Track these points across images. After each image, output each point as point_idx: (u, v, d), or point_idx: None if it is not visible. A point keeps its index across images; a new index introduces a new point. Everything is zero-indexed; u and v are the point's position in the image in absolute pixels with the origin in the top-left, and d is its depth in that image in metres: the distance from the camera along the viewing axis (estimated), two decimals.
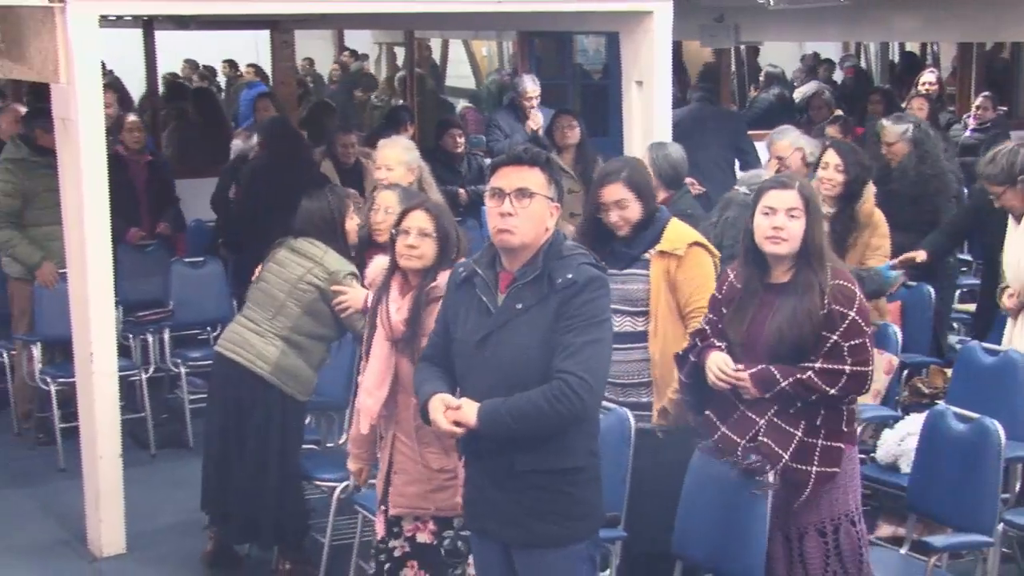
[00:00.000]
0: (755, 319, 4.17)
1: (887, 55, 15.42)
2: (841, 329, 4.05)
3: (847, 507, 4.18)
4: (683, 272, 4.72)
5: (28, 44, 5.91)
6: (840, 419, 4.15)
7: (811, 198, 4.17)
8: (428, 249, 4.36)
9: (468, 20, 11.61)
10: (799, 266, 4.13)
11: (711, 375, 4.17)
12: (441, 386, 3.84)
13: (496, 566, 3.93)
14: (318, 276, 5.48)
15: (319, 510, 6.17)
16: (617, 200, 4.74)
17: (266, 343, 5.50)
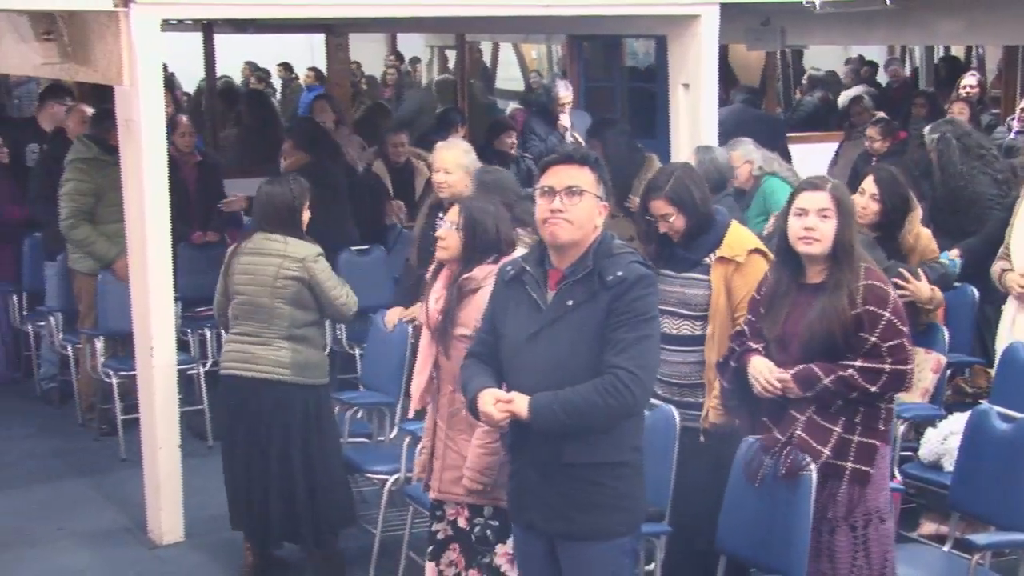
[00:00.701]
0: (789, 318, 4.18)
1: (932, 58, 15.27)
2: (879, 330, 4.05)
3: (878, 504, 4.16)
4: (740, 277, 4.70)
5: (93, 47, 5.96)
6: (878, 418, 4.14)
7: (842, 199, 4.17)
8: (452, 241, 4.42)
9: (518, 24, 11.60)
10: (831, 266, 4.14)
11: (757, 385, 4.17)
12: (488, 381, 3.85)
13: (539, 559, 3.93)
14: (291, 268, 5.45)
15: (370, 502, 6.21)
16: (662, 214, 4.76)
17: (274, 350, 5.47)
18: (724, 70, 9.37)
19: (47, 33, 6.15)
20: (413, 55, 17.62)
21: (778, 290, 4.24)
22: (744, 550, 4.30)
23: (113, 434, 7.36)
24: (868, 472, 4.10)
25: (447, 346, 4.37)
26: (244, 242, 5.57)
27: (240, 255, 5.52)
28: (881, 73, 15.18)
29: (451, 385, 4.38)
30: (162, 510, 6.09)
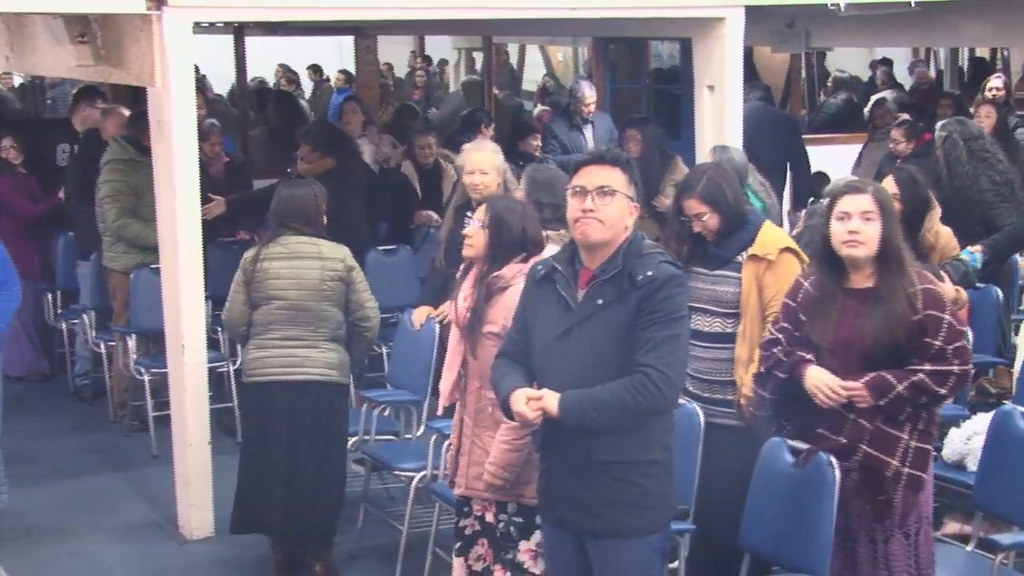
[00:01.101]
0: (840, 324, 4.09)
1: (957, 60, 15.19)
2: (942, 333, 4.00)
3: (927, 510, 4.15)
4: (771, 275, 4.69)
5: (127, 49, 5.99)
6: (933, 422, 4.11)
7: (885, 201, 4.10)
8: (478, 239, 4.41)
9: (544, 26, 11.60)
10: (881, 271, 4.06)
11: (819, 397, 4.06)
12: (520, 380, 3.85)
13: (568, 557, 3.93)
14: (335, 268, 5.47)
15: (397, 499, 6.22)
16: (695, 213, 4.75)
17: (323, 351, 5.47)
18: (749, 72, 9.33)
19: (81, 36, 6.18)
20: (441, 57, 17.64)
21: (823, 296, 4.14)
22: (767, 548, 4.29)
23: (144, 430, 7.40)
24: (923, 478, 4.06)
25: (475, 344, 4.37)
26: (266, 247, 5.48)
27: (268, 260, 5.43)
28: (906, 75, 15.10)
29: (478, 382, 4.39)
30: (192, 506, 6.12)
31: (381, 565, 5.77)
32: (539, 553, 4.37)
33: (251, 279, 5.43)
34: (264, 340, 5.48)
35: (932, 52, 15.80)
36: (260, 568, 5.82)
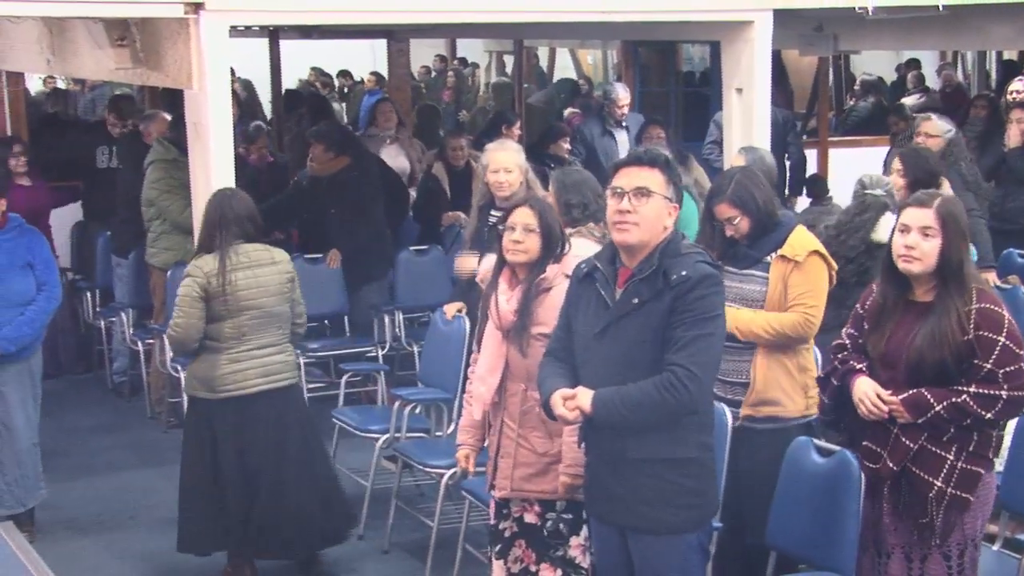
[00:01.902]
0: (894, 336, 4.00)
1: (984, 63, 15.09)
2: (994, 356, 3.84)
3: (974, 531, 4.00)
4: (798, 275, 4.66)
5: (165, 53, 6.02)
6: (989, 446, 3.97)
7: (949, 217, 3.93)
8: (532, 244, 4.36)
9: (575, 29, 11.59)
10: (939, 286, 3.93)
11: (862, 408, 3.98)
12: (561, 382, 3.86)
13: (613, 548, 3.95)
14: (288, 270, 5.50)
15: (428, 495, 6.23)
16: (726, 218, 4.73)
17: (289, 354, 5.53)
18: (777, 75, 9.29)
19: (121, 39, 6.21)
20: (472, 60, 17.67)
21: (884, 307, 4.04)
22: (794, 547, 4.27)
23: (180, 426, 7.40)
24: (968, 499, 3.92)
25: (523, 344, 4.32)
26: (228, 259, 5.27)
27: (234, 271, 5.26)
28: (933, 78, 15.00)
29: (523, 384, 4.34)
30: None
31: (411, 560, 5.78)
32: (587, 548, 4.37)
33: (216, 293, 5.24)
34: (239, 353, 5.32)
35: (959, 55, 15.69)
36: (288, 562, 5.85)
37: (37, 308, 5.86)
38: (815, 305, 4.66)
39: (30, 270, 5.88)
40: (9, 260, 5.82)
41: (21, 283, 5.84)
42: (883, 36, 10.11)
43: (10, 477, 5.89)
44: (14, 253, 5.85)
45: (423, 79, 16.56)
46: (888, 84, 15.14)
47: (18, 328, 5.79)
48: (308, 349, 7.69)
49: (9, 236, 5.86)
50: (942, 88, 14.15)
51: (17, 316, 5.79)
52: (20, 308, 5.81)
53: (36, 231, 6.13)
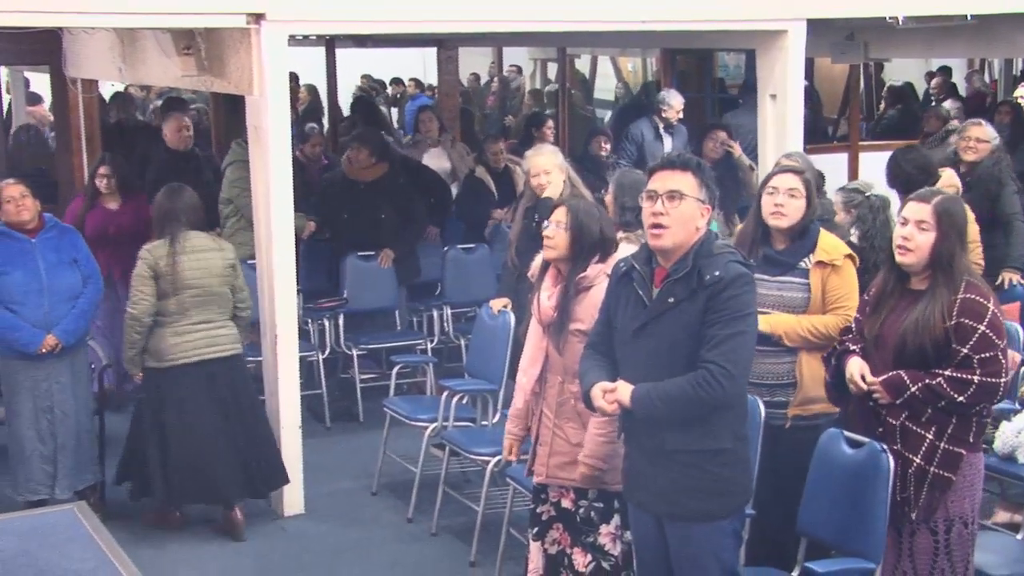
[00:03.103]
0: (887, 320, 4.09)
1: (1011, 70, 14.93)
2: (971, 342, 3.91)
3: (962, 510, 4.05)
4: (837, 278, 4.67)
5: (227, 61, 6.07)
6: (969, 429, 4.01)
7: (945, 214, 4.01)
8: (561, 240, 4.38)
9: (616, 38, 11.57)
10: (931, 277, 4.02)
11: (851, 385, 4.11)
12: (601, 375, 3.88)
13: (650, 535, 3.95)
14: (229, 257, 5.94)
15: (474, 481, 6.25)
16: (789, 188, 4.68)
17: (229, 330, 5.94)
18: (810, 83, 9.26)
19: (187, 48, 6.27)
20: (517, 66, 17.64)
21: (884, 293, 4.14)
22: (825, 533, 4.25)
23: None
24: (950, 479, 3.99)
25: (561, 341, 4.35)
26: (176, 244, 5.75)
27: (181, 255, 5.74)
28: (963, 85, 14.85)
29: (560, 376, 4.38)
30: (285, 485, 6.18)
31: (458, 543, 5.80)
32: (617, 536, 4.38)
33: (163, 273, 5.72)
34: (181, 327, 5.81)
35: (987, 63, 15.53)
36: (349, 542, 5.89)
37: (86, 300, 5.96)
38: (854, 306, 4.64)
39: (76, 265, 5.96)
40: (57, 257, 5.91)
41: (70, 278, 5.93)
42: (912, 44, 10.05)
43: (70, 462, 5.97)
44: (60, 250, 5.93)
45: (471, 86, 16.57)
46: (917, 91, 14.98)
47: (74, 321, 5.88)
48: (360, 342, 7.75)
49: (51, 235, 5.95)
50: (970, 95, 14.02)
51: (70, 309, 5.87)
52: (72, 302, 5.90)
53: (73, 229, 6.21)
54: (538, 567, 4.57)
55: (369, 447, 6.78)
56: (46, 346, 5.79)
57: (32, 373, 5.87)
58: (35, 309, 5.80)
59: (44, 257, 5.87)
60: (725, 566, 3.85)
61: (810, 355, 4.65)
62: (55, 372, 5.90)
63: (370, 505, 6.36)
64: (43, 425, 5.90)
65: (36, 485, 5.92)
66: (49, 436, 5.92)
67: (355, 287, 7.91)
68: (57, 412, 5.91)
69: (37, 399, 5.89)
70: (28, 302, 5.80)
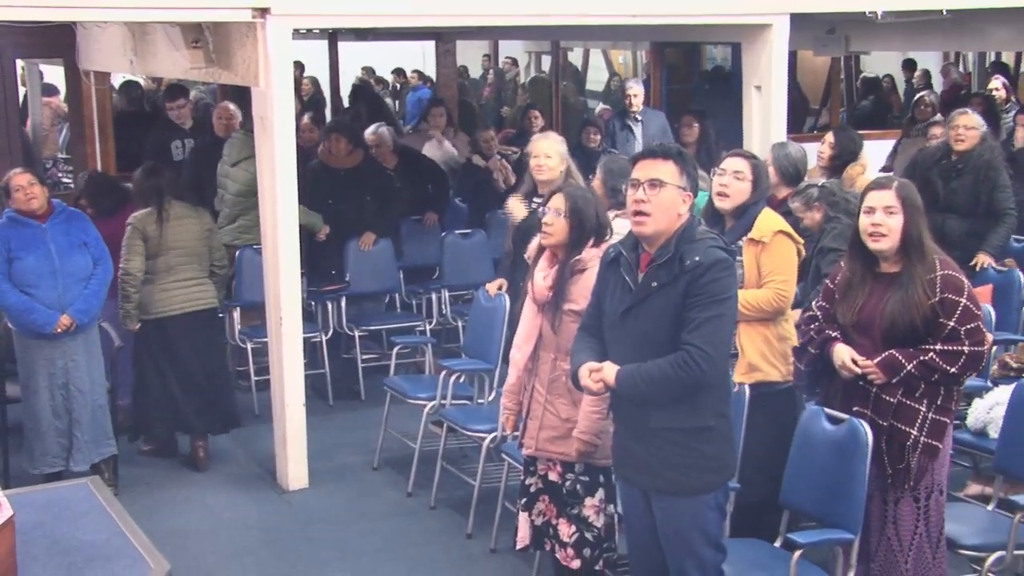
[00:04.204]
0: (865, 305, 4.08)
1: (984, 63, 14.91)
2: (956, 315, 3.95)
3: (941, 478, 4.09)
4: (767, 255, 4.71)
5: (234, 54, 6.05)
6: (952, 398, 4.06)
7: (907, 196, 4.05)
8: (560, 227, 4.38)
9: (607, 32, 11.54)
10: (904, 258, 4.03)
11: (843, 371, 4.09)
12: (591, 356, 3.88)
13: (638, 508, 3.96)
14: (207, 224, 6.54)
15: (471, 456, 6.25)
16: (736, 170, 4.75)
17: (208, 286, 6.49)
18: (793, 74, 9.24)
19: (195, 42, 6.24)
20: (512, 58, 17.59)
21: (853, 280, 4.13)
22: (806, 505, 4.26)
23: (248, 393, 7.48)
24: (938, 447, 4.03)
25: (556, 319, 4.36)
26: (163, 212, 6.31)
27: (168, 221, 6.31)
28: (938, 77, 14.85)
29: (553, 354, 4.38)
30: (289, 460, 6.18)
31: (455, 515, 5.80)
32: (601, 509, 4.39)
33: (151, 236, 6.27)
34: (168, 283, 6.35)
35: (961, 55, 15.52)
36: (351, 514, 5.89)
37: (98, 281, 5.95)
38: (786, 280, 4.71)
39: (86, 248, 5.94)
40: (68, 241, 5.90)
41: (81, 260, 5.92)
42: (891, 38, 10.03)
43: (87, 436, 5.97)
44: (70, 234, 5.92)
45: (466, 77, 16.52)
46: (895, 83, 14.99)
47: (87, 300, 5.87)
48: (362, 324, 7.74)
49: (60, 220, 5.93)
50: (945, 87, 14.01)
51: (82, 290, 5.87)
52: (83, 282, 5.89)
53: (81, 213, 6.20)
54: (525, 536, 4.59)
55: (370, 424, 6.77)
56: (61, 326, 5.79)
57: (48, 352, 5.87)
58: (49, 291, 5.80)
59: (55, 241, 5.86)
60: (710, 538, 3.85)
61: (748, 327, 4.70)
62: (70, 351, 5.90)
63: (371, 480, 6.36)
64: (58, 401, 5.91)
65: (52, 458, 5.93)
66: (64, 411, 5.93)
67: (357, 271, 7.90)
68: (72, 389, 5.92)
69: (53, 376, 5.90)
70: (42, 284, 5.80)
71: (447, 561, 5.38)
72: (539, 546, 4.59)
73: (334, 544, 5.59)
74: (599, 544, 4.41)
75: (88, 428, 5.97)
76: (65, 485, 4.77)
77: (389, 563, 5.38)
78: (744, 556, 4.15)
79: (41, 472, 5.92)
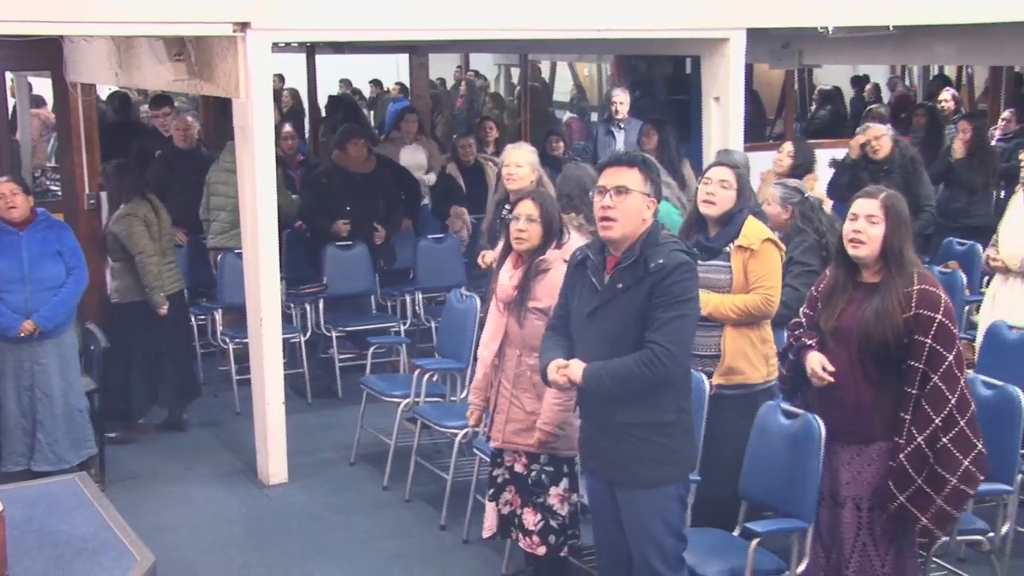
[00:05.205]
0: (844, 312, 3.99)
1: (928, 76, 15.04)
2: (932, 331, 3.82)
3: None
4: (755, 262, 4.69)
5: (216, 66, 6.02)
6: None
7: (892, 208, 3.94)
8: (534, 233, 4.39)
9: (573, 45, 11.56)
10: (884, 270, 3.94)
11: (813, 379, 4.03)
12: (559, 354, 3.89)
13: (603, 499, 3.97)
14: (167, 214, 6.85)
15: (444, 452, 6.25)
16: (721, 179, 4.73)
17: (177, 268, 6.97)
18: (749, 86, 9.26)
19: (178, 55, 6.22)
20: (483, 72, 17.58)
21: (836, 287, 4.05)
22: (763, 496, 4.29)
23: (229, 391, 7.45)
24: None
25: (521, 316, 4.37)
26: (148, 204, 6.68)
27: (155, 212, 6.67)
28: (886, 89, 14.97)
29: (519, 350, 4.40)
30: (270, 456, 6.16)
31: (429, 508, 5.80)
32: (566, 498, 4.40)
33: (151, 223, 6.62)
34: (162, 267, 6.67)
35: (907, 69, 15.65)
36: (329, 507, 5.88)
37: (68, 290, 5.88)
38: (773, 286, 4.72)
39: (60, 257, 5.89)
40: (41, 250, 5.84)
41: (53, 269, 5.86)
42: (842, 52, 10.10)
43: (51, 437, 5.89)
44: (45, 243, 5.86)
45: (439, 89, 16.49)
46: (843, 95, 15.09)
47: (53, 308, 5.80)
48: (339, 325, 7.72)
49: (39, 228, 5.87)
50: (892, 99, 14.13)
51: (51, 298, 5.81)
52: (53, 290, 5.83)
53: (62, 223, 6.13)
54: (492, 526, 4.61)
55: (347, 421, 6.76)
56: (24, 330, 5.73)
57: (16, 355, 5.83)
58: (17, 296, 5.76)
59: (28, 248, 5.80)
60: (671, 528, 3.86)
61: (733, 330, 4.70)
62: (37, 355, 5.84)
63: (348, 474, 6.34)
64: (24, 402, 5.86)
65: (16, 456, 5.89)
66: (29, 412, 5.87)
67: (334, 274, 7.88)
68: (37, 392, 5.85)
69: (19, 378, 5.85)
70: (11, 290, 5.75)
71: (421, 552, 5.37)
72: (506, 534, 4.61)
73: (313, 536, 5.57)
74: (564, 531, 4.43)
75: (53, 431, 5.89)
76: (54, 481, 4.73)
77: (366, 554, 5.37)
78: (704, 544, 4.17)
79: (7, 470, 5.86)
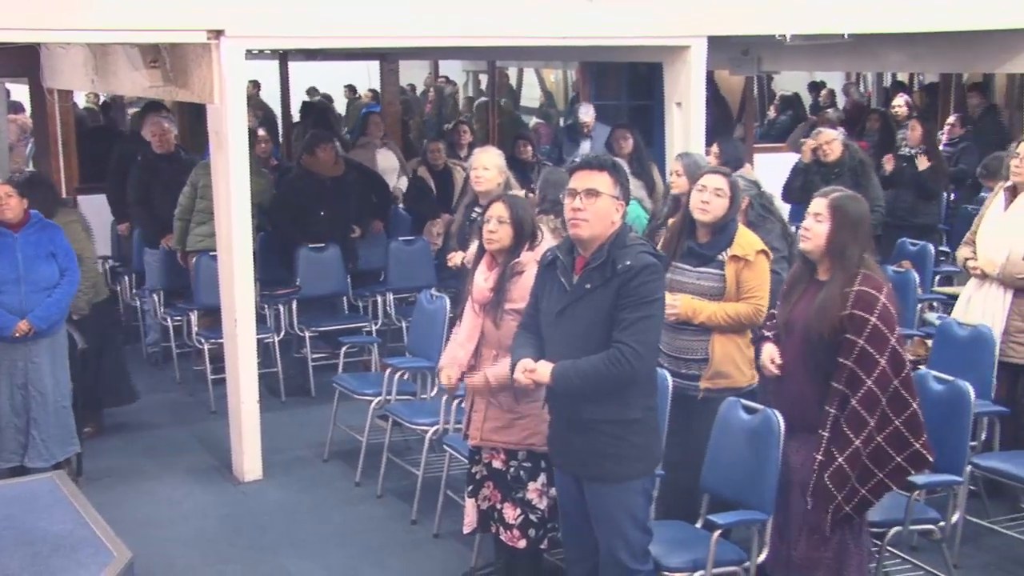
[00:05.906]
0: (796, 307, 4.04)
1: (882, 82, 15.17)
2: (866, 333, 3.82)
3: None
4: (749, 272, 4.69)
5: (191, 73, 5.98)
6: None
7: (839, 208, 3.95)
8: (504, 234, 4.38)
9: (539, 52, 11.58)
10: (831, 268, 3.96)
11: (764, 370, 4.12)
12: (529, 353, 3.88)
13: (572, 494, 3.98)
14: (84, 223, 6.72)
15: (414, 448, 6.24)
16: (716, 187, 4.70)
17: None
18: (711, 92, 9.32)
19: (153, 61, 6.18)
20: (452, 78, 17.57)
21: (796, 282, 4.11)
22: (724, 489, 4.30)
23: (205, 391, 7.40)
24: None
25: (497, 317, 4.36)
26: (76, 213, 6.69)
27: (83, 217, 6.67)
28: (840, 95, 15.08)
29: (494, 350, 4.38)
30: (244, 454, 6.13)
31: (400, 504, 5.79)
32: (544, 492, 4.40)
33: (87, 227, 6.61)
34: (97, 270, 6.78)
35: (861, 76, 15.79)
36: (303, 504, 5.85)
37: (61, 291, 5.83)
38: (763, 296, 4.70)
39: (53, 259, 5.84)
40: (35, 251, 5.78)
41: (46, 270, 5.80)
42: (799, 59, 10.17)
43: (44, 434, 5.85)
44: (39, 245, 5.81)
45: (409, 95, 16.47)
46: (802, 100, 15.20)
47: (47, 309, 5.75)
48: (312, 325, 7.69)
49: (32, 230, 5.82)
50: (847, 104, 14.24)
51: (45, 298, 5.76)
52: (47, 291, 5.77)
53: (55, 225, 6.05)
54: (472, 521, 4.60)
55: (320, 419, 6.74)
56: (19, 331, 5.68)
57: (10, 354, 5.76)
58: (12, 297, 5.70)
59: (23, 250, 5.75)
60: (637, 521, 3.88)
61: (722, 336, 4.69)
62: (31, 353, 5.79)
63: (322, 471, 6.32)
64: (17, 400, 5.80)
65: (9, 454, 5.83)
66: (23, 410, 5.82)
67: (307, 275, 7.84)
68: (31, 389, 5.80)
69: (13, 376, 5.78)
70: (7, 291, 5.69)
71: (393, 546, 5.36)
72: (485, 529, 4.59)
73: (287, 531, 5.55)
74: (543, 524, 4.43)
75: (46, 428, 5.85)
76: (31, 479, 4.69)
77: (339, 548, 5.35)
78: (668, 537, 4.18)
79: (0, 467, 5.81)
